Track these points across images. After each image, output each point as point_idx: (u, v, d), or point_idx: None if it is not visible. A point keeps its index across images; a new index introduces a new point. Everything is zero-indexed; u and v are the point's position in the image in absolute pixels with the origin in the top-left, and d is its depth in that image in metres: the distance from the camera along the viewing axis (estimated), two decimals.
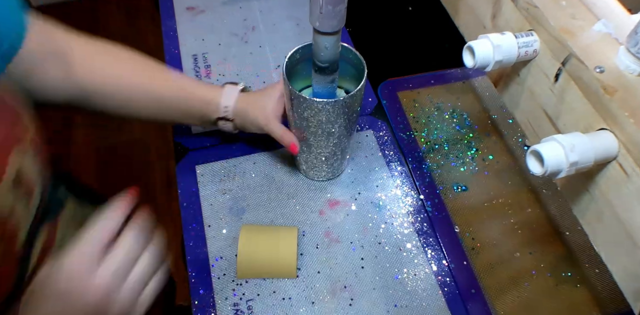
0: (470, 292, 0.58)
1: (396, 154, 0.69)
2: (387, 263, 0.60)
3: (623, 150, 0.34)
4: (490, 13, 0.49)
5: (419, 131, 0.72)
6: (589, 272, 0.60)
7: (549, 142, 0.34)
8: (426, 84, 0.78)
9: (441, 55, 0.82)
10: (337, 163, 0.62)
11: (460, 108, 0.75)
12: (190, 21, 0.84)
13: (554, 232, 0.63)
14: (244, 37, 0.82)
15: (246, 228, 0.59)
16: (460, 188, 0.67)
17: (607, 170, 0.36)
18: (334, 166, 0.62)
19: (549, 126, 0.42)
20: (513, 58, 0.41)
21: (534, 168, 0.35)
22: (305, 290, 0.57)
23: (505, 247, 0.62)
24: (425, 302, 0.57)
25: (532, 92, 0.44)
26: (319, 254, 0.60)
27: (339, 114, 0.51)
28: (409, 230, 0.62)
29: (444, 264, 0.60)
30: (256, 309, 0.56)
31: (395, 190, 0.66)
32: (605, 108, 0.35)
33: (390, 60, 0.82)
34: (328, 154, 0.58)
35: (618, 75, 0.35)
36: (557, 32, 0.38)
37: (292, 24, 0.85)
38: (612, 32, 0.38)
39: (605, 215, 0.37)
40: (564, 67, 0.39)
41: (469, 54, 0.42)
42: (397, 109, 0.74)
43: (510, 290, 0.59)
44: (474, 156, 0.70)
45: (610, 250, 0.38)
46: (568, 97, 0.39)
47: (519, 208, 0.65)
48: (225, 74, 0.77)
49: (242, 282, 0.58)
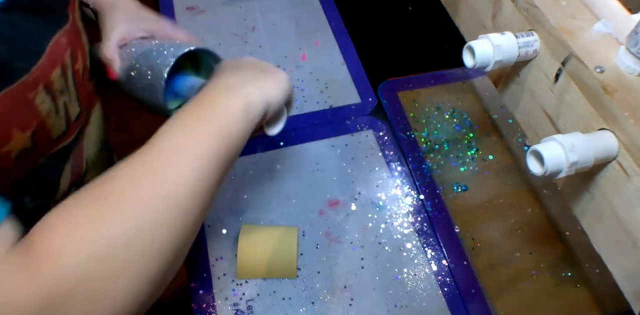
0: (470, 292, 0.58)
1: (396, 154, 0.69)
2: (387, 263, 0.60)
3: (623, 150, 0.34)
4: (490, 13, 0.49)
5: (419, 131, 0.72)
6: (589, 272, 0.60)
7: (549, 142, 0.34)
8: (426, 84, 0.78)
9: (441, 55, 0.82)
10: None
11: (460, 108, 0.75)
12: (190, 21, 0.84)
13: (554, 232, 0.63)
14: (244, 37, 0.82)
15: (246, 228, 0.59)
16: (460, 188, 0.67)
17: (607, 170, 0.36)
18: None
19: (549, 126, 0.42)
20: (513, 58, 0.41)
21: (534, 168, 0.35)
22: (305, 290, 0.57)
23: (505, 247, 0.62)
24: (425, 302, 0.57)
25: (532, 92, 0.44)
26: (319, 254, 0.60)
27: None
28: (409, 230, 0.62)
29: (444, 264, 0.60)
30: (256, 309, 0.56)
31: (395, 190, 0.66)
32: (605, 108, 0.35)
33: (390, 60, 0.82)
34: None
35: (618, 75, 0.35)
36: (557, 32, 0.38)
37: (292, 24, 0.85)
38: (612, 32, 0.38)
39: (605, 215, 0.37)
40: (564, 67, 0.39)
41: (469, 54, 0.42)
42: (397, 109, 0.74)
43: (510, 290, 0.58)
44: (474, 156, 0.70)
45: (610, 250, 0.38)
46: (568, 97, 0.39)
47: (519, 208, 0.65)
48: None
49: (242, 282, 0.58)
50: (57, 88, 0.41)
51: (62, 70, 0.41)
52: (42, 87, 0.38)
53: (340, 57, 0.80)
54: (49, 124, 0.41)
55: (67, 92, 0.43)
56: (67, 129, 0.44)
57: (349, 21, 0.85)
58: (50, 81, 0.39)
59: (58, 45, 0.39)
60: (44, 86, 0.38)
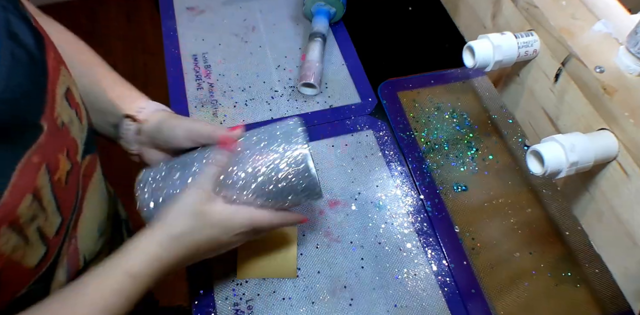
0: (470, 292, 0.58)
1: (396, 154, 0.69)
2: (387, 263, 0.60)
3: (623, 150, 0.34)
4: (490, 13, 0.49)
5: (419, 131, 0.72)
6: (589, 272, 0.60)
7: (549, 142, 0.34)
8: (426, 84, 0.78)
9: (441, 55, 0.82)
10: None
11: (460, 108, 0.75)
12: (190, 21, 0.84)
13: (554, 232, 0.63)
14: (244, 37, 0.82)
15: None
16: (460, 188, 0.67)
17: (607, 170, 0.36)
18: None
19: (549, 126, 0.42)
20: (513, 58, 0.41)
21: (534, 168, 0.35)
22: (305, 290, 0.57)
23: (505, 247, 0.62)
24: (425, 302, 0.57)
25: (532, 92, 0.44)
26: (319, 254, 0.60)
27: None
28: (409, 230, 0.62)
29: (444, 264, 0.60)
30: (256, 309, 0.56)
31: (395, 190, 0.66)
32: (605, 108, 0.35)
33: (390, 60, 0.82)
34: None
35: (618, 75, 0.35)
36: (557, 32, 0.39)
37: (292, 24, 0.85)
38: (612, 32, 0.38)
39: (605, 215, 0.37)
40: (564, 67, 0.39)
41: (469, 54, 0.42)
42: (397, 109, 0.74)
43: (510, 290, 0.59)
44: (474, 156, 0.70)
45: (610, 250, 0.38)
46: (568, 97, 0.39)
47: (519, 208, 0.65)
48: (225, 74, 0.77)
49: (242, 282, 0.58)
50: (27, 218, 0.34)
51: (34, 196, 0.35)
52: (7, 226, 0.32)
53: (340, 57, 0.80)
54: (16, 258, 0.35)
55: (42, 214, 0.36)
56: (47, 250, 0.38)
57: (349, 21, 0.85)
58: (16, 216, 0.33)
59: (28, 168, 0.34)
60: (8, 225, 0.33)
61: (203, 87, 0.76)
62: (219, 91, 0.75)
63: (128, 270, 0.38)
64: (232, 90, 0.75)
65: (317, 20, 0.79)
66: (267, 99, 0.74)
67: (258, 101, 0.74)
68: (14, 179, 0.32)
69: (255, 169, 0.44)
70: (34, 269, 0.38)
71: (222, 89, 0.75)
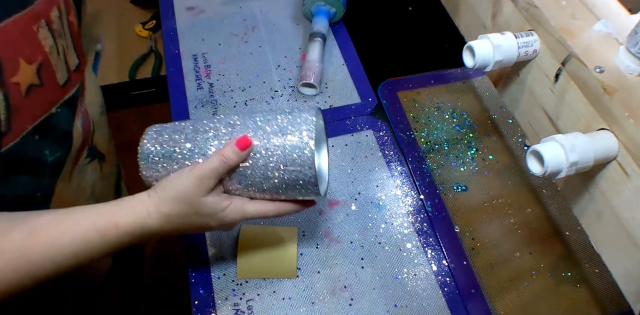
0: (470, 292, 0.58)
1: (396, 154, 0.69)
2: (387, 263, 0.60)
3: (623, 150, 0.34)
4: (490, 13, 0.49)
5: (419, 131, 0.72)
6: (589, 272, 0.60)
7: (549, 142, 0.34)
8: (426, 84, 0.78)
9: (441, 55, 0.82)
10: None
11: (460, 108, 0.75)
12: (190, 21, 0.84)
13: (554, 232, 0.63)
14: (244, 37, 0.82)
15: (246, 228, 0.59)
16: (460, 188, 0.67)
17: (607, 170, 0.36)
18: None
19: (549, 126, 0.42)
20: (513, 58, 0.41)
21: (534, 168, 0.35)
22: (305, 290, 0.57)
23: (505, 247, 0.62)
24: (425, 302, 0.57)
25: (532, 92, 0.44)
26: (319, 254, 0.60)
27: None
28: (409, 230, 0.62)
29: (444, 264, 0.60)
30: (256, 309, 0.56)
31: (395, 190, 0.66)
32: (605, 108, 0.35)
33: (390, 60, 0.82)
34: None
35: (618, 75, 0.35)
36: (557, 32, 0.39)
37: (292, 24, 0.85)
38: (612, 32, 0.38)
39: (605, 215, 0.37)
40: (564, 67, 0.39)
41: (469, 54, 0.42)
42: (397, 109, 0.74)
43: (510, 290, 0.58)
44: (474, 156, 0.70)
45: (610, 250, 0.38)
46: (568, 97, 0.39)
47: (519, 208, 0.65)
48: (225, 74, 0.77)
49: (242, 282, 0.58)
50: (56, 28, 0.44)
51: (59, 12, 0.45)
52: (44, 22, 0.42)
53: (340, 57, 0.80)
54: (52, 62, 0.44)
55: (64, 38, 0.47)
56: (69, 78, 0.48)
57: (349, 21, 0.85)
58: (50, 19, 0.43)
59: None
60: (45, 21, 0.42)
61: (203, 87, 0.76)
62: (219, 91, 0.75)
63: (116, 222, 0.41)
64: (232, 90, 0.75)
65: (317, 20, 0.79)
66: (267, 99, 0.74)
67: (258, 101, 0.74)
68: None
69: (258, 162, 0.44)
70: (62, 87, 0.46)
71: (222, 89, 0.75)
